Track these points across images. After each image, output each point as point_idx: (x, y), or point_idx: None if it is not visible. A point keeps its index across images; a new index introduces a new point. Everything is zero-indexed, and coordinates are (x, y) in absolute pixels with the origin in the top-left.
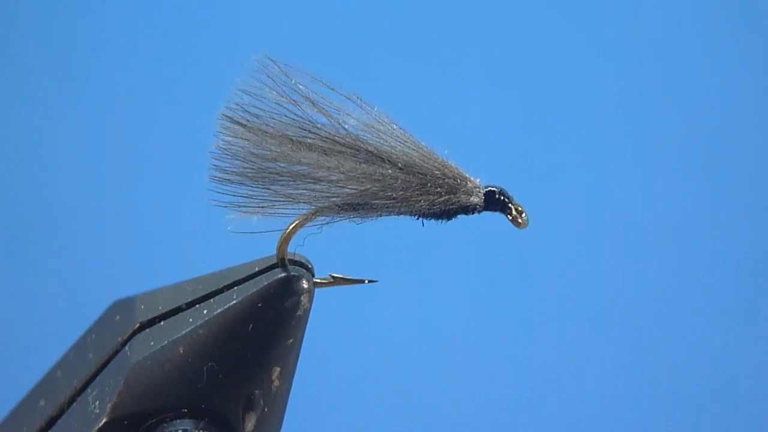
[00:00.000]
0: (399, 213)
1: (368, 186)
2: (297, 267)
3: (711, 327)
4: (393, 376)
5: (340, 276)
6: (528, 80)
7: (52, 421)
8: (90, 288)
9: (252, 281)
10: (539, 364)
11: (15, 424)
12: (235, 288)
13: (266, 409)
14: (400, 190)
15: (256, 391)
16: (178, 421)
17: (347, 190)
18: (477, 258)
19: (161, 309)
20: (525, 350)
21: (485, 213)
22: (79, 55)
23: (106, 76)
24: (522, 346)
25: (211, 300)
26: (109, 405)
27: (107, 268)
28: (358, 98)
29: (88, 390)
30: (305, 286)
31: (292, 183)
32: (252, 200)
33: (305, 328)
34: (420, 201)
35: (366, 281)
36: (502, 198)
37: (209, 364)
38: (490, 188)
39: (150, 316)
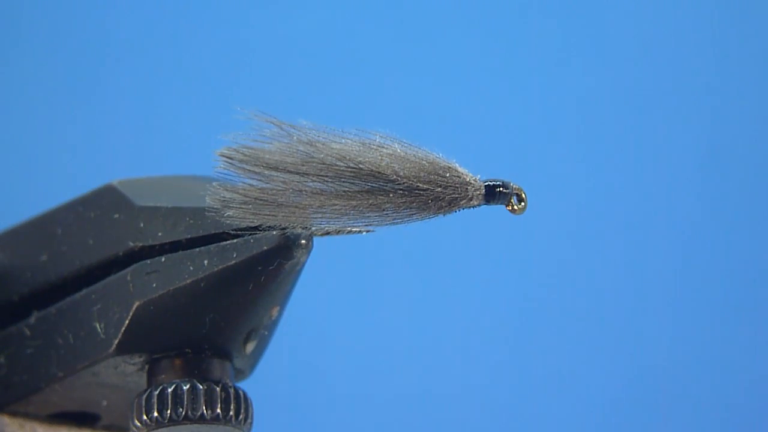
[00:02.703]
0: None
1: (370, 215)
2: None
3: (711, 326)
4: (393, 374)
5: (337, 227)
6: (529, 79)
7: (51, 289)
8: None
9: (252, 238)
10: (539, 361)
11: (16, 253)
12: (235, 242)
13: (266, 333)
14: (403, 210)
15: (257, 327)
16: (180, 381)
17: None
18: (477, 256)
19: (161, 237)
20: (524, 347)
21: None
22: (79, 57)
23: (107, 79)
24: (521, 343)
25: (211, 247)
26: (114, 341)
27: None
28: (357, 130)
29: (92, 296)
30: (304, 246)
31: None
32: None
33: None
34: (422, 216)
35: (363, 231)
36: (500, 191)
37: (211, 315)
38: (488, 184)
39: (151, 241)
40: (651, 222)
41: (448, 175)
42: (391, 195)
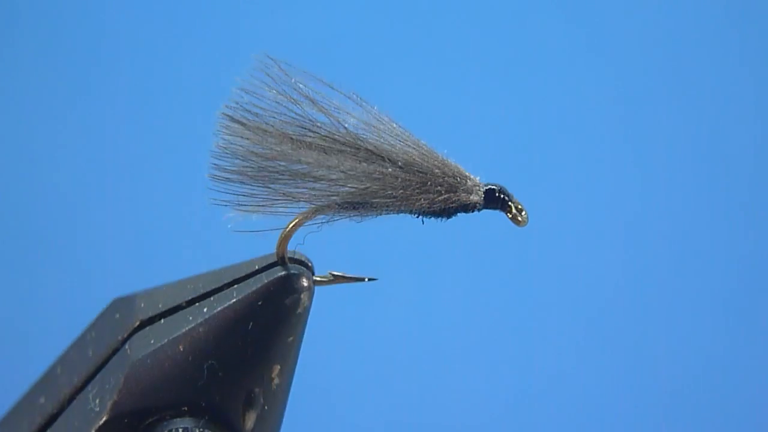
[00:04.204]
0: (399, 211)
1: (368, 185)
2: (297, 265)
3: (711, 327)
4: (392, 375)
5: (340, 274)
6: (528, 79)
7: (51, 419)
8: (90, 287)
9: (252, 279)
10: (539, 364)
11: (15, 421)
12: (235, 286)
13: (266, 407)
14: (400, 189)
15: (256, 389)
16: (178, 419)
17: (347, 188)
18: (477, 257)
19: (161, 307)
20: (525, 349)
21: (485, 211)
22: (79, 54)
23: (106, 76)
24: (522, 345)
25: (211, 298)
26: (109, 402)
27: (107, 267)
28: (357, 97)
29: (89, 387)
30: (305, 284)
31: (291, 182)
32: (252, 199)
33: (305, 325)
34: (420, 199)
35: (366, 279)
36: (501, 196)
37: (209, 362)
38: (490, 186)
39: (150, 314)
40: (651, 221)
41: (447, 162)
42: (389, 168)
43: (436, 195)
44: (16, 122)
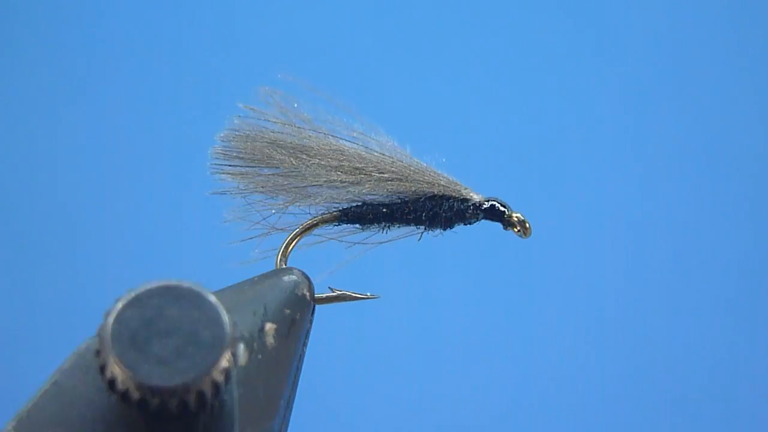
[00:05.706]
0: (399, 204)
1: (366, 157)
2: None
3: (711, 328)
4: (393, 379)
5: (341, 292)
6: (528, 81)
7: None
8: (90, 288)
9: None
10: (541, 369)
11: None
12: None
13: (260, 356)
14: (396, 170)
15: (250, 331)
16: None
17: (343, 164)
18: (477, 261)
19: None
20: (526, 354)
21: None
22: (79, 58)
23: (107, 79)
24: (523, 350)
25: None
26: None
27: (107, 269)
28: (358, 116)
29: None
30: (304, 277)
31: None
32: (249, 183)
33: (305, 319)
34: (418, 179)
35: (368, 295)
36: (502, 207)
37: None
38: (492, 197)
39: None
40: (652, 224)
41: (442, 174)
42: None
43: (435, 178)
44: (16, 122)
